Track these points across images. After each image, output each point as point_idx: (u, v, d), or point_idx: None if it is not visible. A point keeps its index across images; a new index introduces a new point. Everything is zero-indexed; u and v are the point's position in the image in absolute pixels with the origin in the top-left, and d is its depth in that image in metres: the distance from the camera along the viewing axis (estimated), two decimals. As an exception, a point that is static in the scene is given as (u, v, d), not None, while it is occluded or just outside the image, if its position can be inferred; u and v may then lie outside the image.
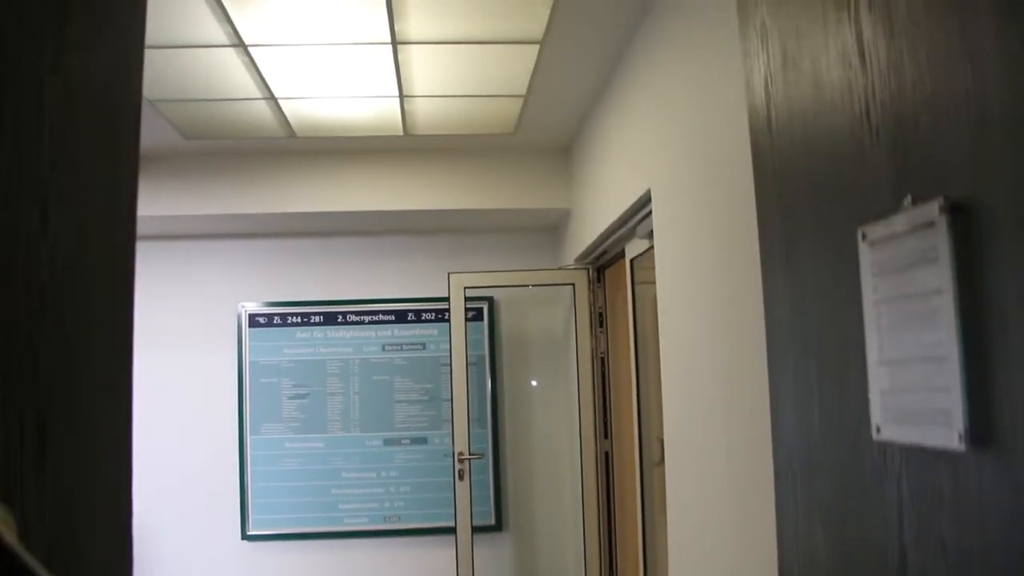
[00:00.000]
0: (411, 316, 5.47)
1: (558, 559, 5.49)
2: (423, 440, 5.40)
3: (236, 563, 5.29)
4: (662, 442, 3.59)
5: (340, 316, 5.43)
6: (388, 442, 5.38)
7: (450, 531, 4.99)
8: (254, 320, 5.40)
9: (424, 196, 4.99)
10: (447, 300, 4.99)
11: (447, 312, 5.05)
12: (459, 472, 4.86)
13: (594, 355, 4.92)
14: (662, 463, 3.69)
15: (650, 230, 3.53)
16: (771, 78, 1.52)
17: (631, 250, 4.11)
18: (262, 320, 5.40)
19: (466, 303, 5.00)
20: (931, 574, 1.03)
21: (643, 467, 4.23)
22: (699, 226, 2.75)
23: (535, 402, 5.58)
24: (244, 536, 5.28)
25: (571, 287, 5.02)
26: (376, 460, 5.36)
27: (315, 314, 5.42)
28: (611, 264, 4.74)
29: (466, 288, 4.96)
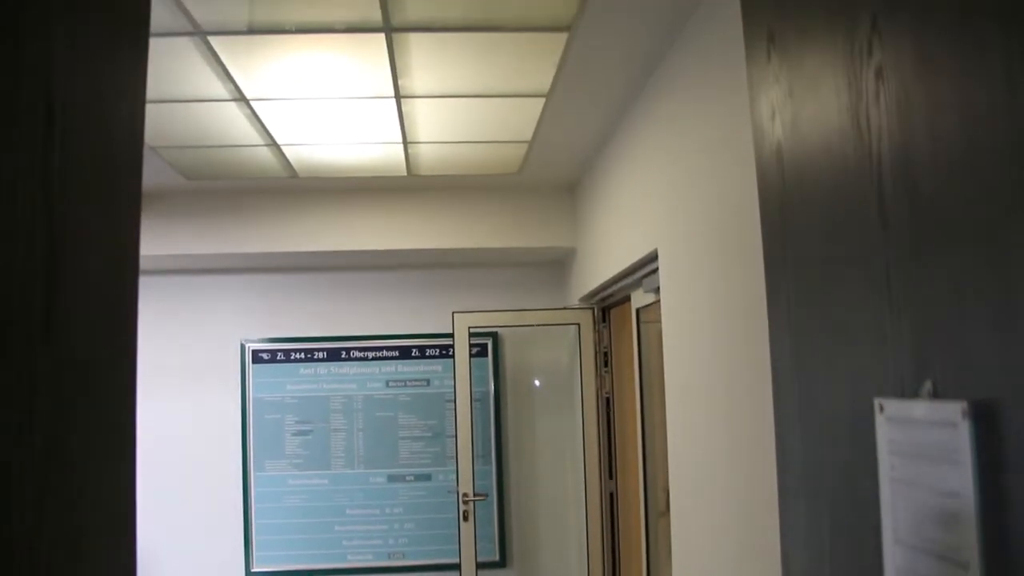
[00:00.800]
0: (415, 352, 5.44)
1: (563, 594, 5.47)
2: (427, 477, 5.37)
3: (240, 599, 5.28)
4: (667, 492, 3.57)
5: (344, 352, 5.40)
6: (392, 479, 5.36)
7: (454, 568, 4.97)
8: (257, 356, 5.37)
9: (428, 235, 4.95)
10: (451, 336, 4.96)
11: (451, 348, 5.02)
12: (463, 513, 4.84)
13: (599, 395, 4.89)
14: (667, 513, 3.66)
15: (656, 286, 3.50)
16: (782, 145, 1.49)
17: (636, 299, 4.07)
18: (265, 356, 5.37)
19: (471, 339, 4.97)
20: None
21: (648, 515, 4.20)
22: (706, 288, 2.72)
23: (540, 438, 5.55)
24: (248, 573, 5.27)
25: (576, 327, 4.99)
26: (380, 497, 5.34)
27: (319, 350, 5.40)
28: (616, 305, 4.71)
29: (470, 327, 4.93)
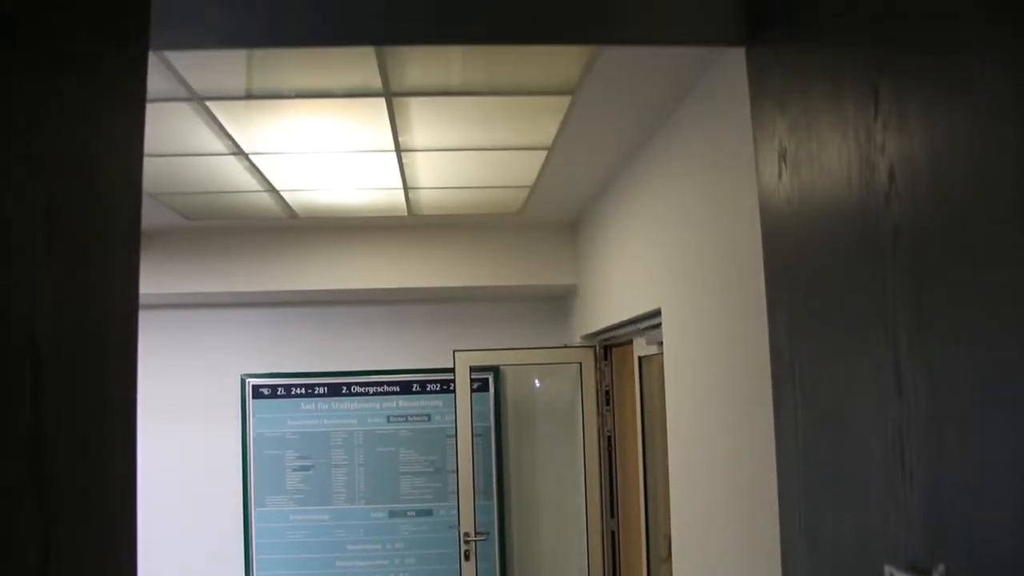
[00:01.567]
0: (416, 387, 5.41)
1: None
2: (428, 512, 5.35)
3: (241, 634, 5.26)
4: (669, 539, 3.55)
5: (344, 387, 5.38)
6: (393, 514, 5.34)
7: (456, 604, 4.95)
8: (258, 391, 5.35)
9: (428, 273, 4.93)
10: (452, 371, 4.94)
11: (452, 383, 4.99)
12: (464, 553, 4.82)
13: (600, 433, 4.86)
14: (669, 559, 3.65)
15: (659, 340, 3.47)
16: (791, 200, 1.47)
17: (639, 347, 4.04)
18: (266, 391, 5.35)
19: (472, 373, 4.95)
20: None
21: (650, 561, 4.18)
22: (710, 352, 2.71)
23: (541, 473, 5.53)
24: (249, 609, 5.25)
25: (577, 365, 4.96)
26: (381, 532, 5.32)
27: (319, 385, 5.37)
28: (618, 345, 4.68)
29: (471, 366, 4.91)
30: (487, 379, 5.42)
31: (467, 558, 4.81)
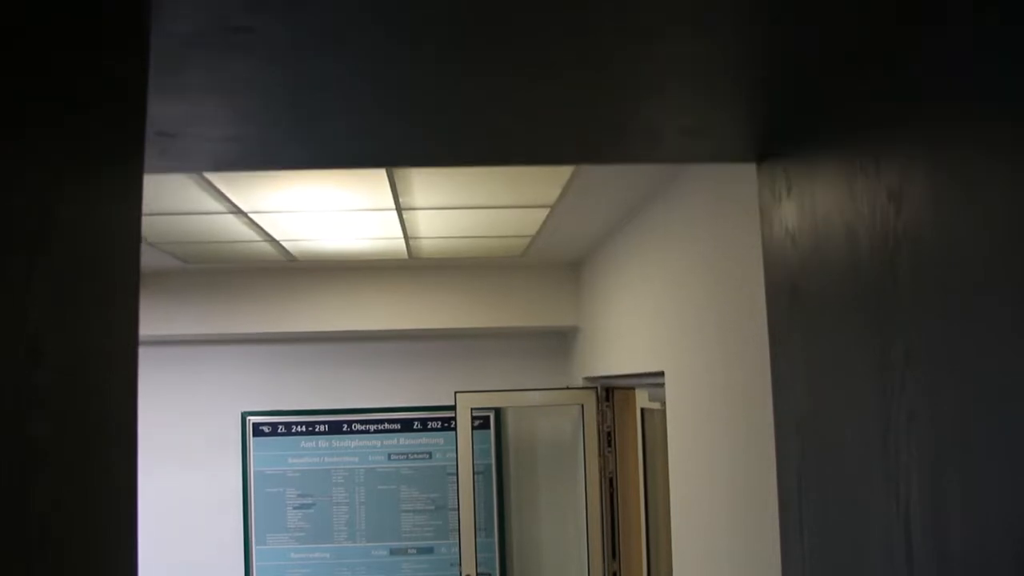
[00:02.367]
0: (417, 425, 5.39)
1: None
2: (429, 550, 5.33)
3: (242, 672, 5.25)
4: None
5: (345, 424, 5.35)
6: (394, 552, 5.32)
7: (457, 643, 4.93)
8: (258, 429, 5.32)
9: (429, 315, 4.89)
10: (453, 408, 4.91)
11: (453, 420, 4.96)
12: (466, 594, 4.79)
13: (602, 475, 4.83)
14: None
15: (662, 399, 3.44)
16: (798, 271, 1.46)
17: (641, 398, 4.02)
18: (266, 429, 5.33)
19: (473, 411, 4.92)
20: None
21: (653, 610, 4.16)
22: (713, 407, 2.68)
23: (542, 511, 5.50)
24: (250, 648, 5.24)
25: (580, 407, 4.93)
26: (382, 570, 5.30)
27: (320, 423, 5.35)
28: (620, 388, 4.65)
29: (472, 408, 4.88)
30: (488, 417, 5.39)
31: (469, 599, 4.79)
